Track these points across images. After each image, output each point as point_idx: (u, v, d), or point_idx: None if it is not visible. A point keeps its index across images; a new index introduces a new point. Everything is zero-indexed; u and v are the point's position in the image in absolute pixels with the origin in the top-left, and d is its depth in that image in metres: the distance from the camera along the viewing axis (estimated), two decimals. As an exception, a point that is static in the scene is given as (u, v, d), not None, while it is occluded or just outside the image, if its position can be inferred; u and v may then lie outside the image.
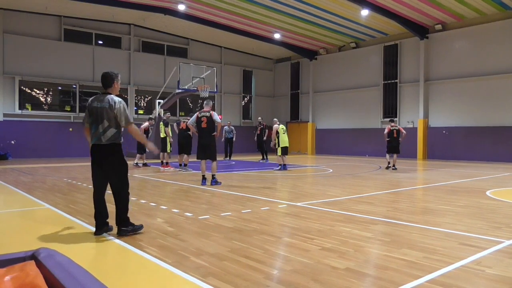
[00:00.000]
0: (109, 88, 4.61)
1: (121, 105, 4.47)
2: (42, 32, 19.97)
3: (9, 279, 1.30)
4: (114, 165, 4.50)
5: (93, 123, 4.49)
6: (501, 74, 17.55)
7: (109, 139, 4.44)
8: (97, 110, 4.47)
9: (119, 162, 4.52)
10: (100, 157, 4.49)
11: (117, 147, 4.51)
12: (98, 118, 4.44)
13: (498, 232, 4.59)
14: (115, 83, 4.64)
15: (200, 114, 9.01)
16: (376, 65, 22.51)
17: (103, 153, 4.47)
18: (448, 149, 19.34)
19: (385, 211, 5.94)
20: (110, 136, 4.43)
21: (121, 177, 4.53)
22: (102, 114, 4.44)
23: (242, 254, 3.70)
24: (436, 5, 17.23)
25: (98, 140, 4.45)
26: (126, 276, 3.26)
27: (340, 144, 23.79)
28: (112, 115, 4.43)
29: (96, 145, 4.48)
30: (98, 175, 4.54)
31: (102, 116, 4.43)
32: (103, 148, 4.45)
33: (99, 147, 4.47)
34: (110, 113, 4.43)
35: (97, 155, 4.50)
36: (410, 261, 3.49)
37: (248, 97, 28.02)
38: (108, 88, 4.61)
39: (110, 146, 4.46)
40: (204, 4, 19.20)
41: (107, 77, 4.61)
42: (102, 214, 4.49)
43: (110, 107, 4.42)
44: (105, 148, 4.45)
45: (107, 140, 4.43)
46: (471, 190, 8.36)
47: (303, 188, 8.87)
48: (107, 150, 4.46)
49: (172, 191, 8.30)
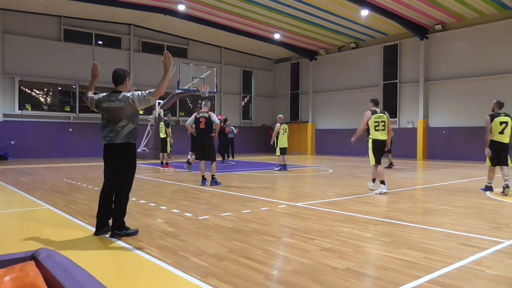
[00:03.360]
0: (120, 86, 4.48)
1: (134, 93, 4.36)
2: (42, 33, 19.98)
3: (9, 280, 1.30)
4: (122, 165, 4.38)
5: (107, 123, 4.37)
6: (501, 74, 17.56)
7: (126, 136, 4.31)
8: (111, 110, 4.34)
9: (128, 163, 4.40)
10: (112, 156, 4.38)
11: (131, 147, 4.39)
12: (112, 118, 4.32)
13: (498, 232, 4.59)
14: (126, 80, 4.51)
15: (199, 114, 9.00)
16: (376, 65, 22.51)
17: (116, 152, 4.35)
18: (448, 149, 19.34)
19: (385, 211, 5.94)
20: (125, 133, 4.31)
21: (125, 179, 4.41)
22: (117, 113, 4.30)
23: (242, 254, 3.70)
24: (436, 5, 17.23)
25: (112, 139, 4.32)
26: (125, 276, 3.26)
27: (340, 144, 23.75)
28: (131, 110, 4.30)
29: (109, 145, 4.37)
30: (108, 174, 4.47)
31: (119, 115, 4.30)
32: (117, 147, 4.33)
33: (112, 147, 4.35)
34: (129, 109, 4.30)
35: (109, 154, 4.39)
36: (410, 261, 3.49)
37: (248, 98, 28.04)
38: (119, 85, 4.48)
39: (123, 145, 4.33)
40: (204, 4, 19.20)
41: (119, 75, 4.48)
42: (105, 215, 4.43)
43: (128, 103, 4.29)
44: (121, 147, 4.33)
45: (124, 138, 4.31)
46: (471, 190, 8.36)
47: (303, 188, 8.87)
48: (120, 149, 4.33)
49: (172, 191, 8.30)
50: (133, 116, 4.38)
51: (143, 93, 4.35)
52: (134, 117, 4.39)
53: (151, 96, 4.32)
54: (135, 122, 4.40)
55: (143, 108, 4.47)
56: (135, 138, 4.42)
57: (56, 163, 16.16)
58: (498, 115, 7.86)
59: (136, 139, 4.45)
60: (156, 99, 4.31)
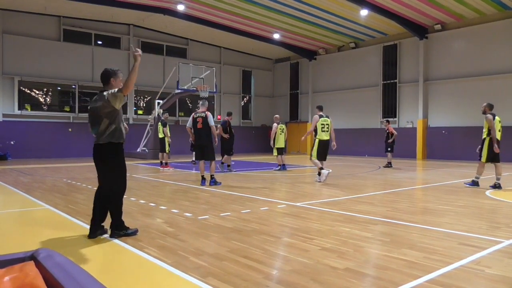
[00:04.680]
0: (106, 86, 4.44)
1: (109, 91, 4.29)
2: (41, 33, 19.96)
3: (8, 280, 1.30)
4: (106, 165, 4.37)
5: (92, 125, 4.41)
6: (501, 74, 17.57)
7: (107, 136, 4.29)
8: (93, 111, 4.38)
9: (112, 163, 4.37)
10: (96, 156, 4.41)
11: (114, 147, 4.34)
12: (96, 118, 4.34)
13: (497, 232, 4.59)
14: (111, 80, 4.42)
15: (196, 114, 8.99)
16: (375, 65, 22.51)
17: (101, 153, 4.38)
18: (448, 149, 19.34)
19: (384, 211, 5.94)
20: (107, 133, 4.29)
21: (111, 179, 4.38)
22: (98, 112, 4.31)
23: (241, 254, 3.70)
24: (436, 5, 17.24)
25: (98, 140, 4.35)
26: (125, 276, 3.26)
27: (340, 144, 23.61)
28: (109, 109, 4.26)
29: (95, 145, 4.41)
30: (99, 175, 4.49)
31: (100, 115, 4.30)
32: (102, 147, 4.34)
33: (98, 147, 4.38)
34: (107, 107, 4.26)
35: (97, 155, 4.43)
36: (410, 261, 3.49)
37: (247, 97, 28.03)
38: (105, 85, 4.45)
39: (106, 145, 4.31)
40: (203, 4, 19.20)
41: (104, 74, 4.47)
42: (98, 217, 4.40)
43: (105, 102, 4.26)
44: (104, 147, 4.33)
45: (106, 138, 4.30)
46: (471, 190, 8.37)
47: (302, 188, 8.87)
48: (105, 149, 4.34)
49: (172, 191, 8.30)
50: (113, 115, 4.31)
51: (114, 90, 4.30)
52: (114, 116, 4.32)
53: (120, 92, 4.22)
54: (116, 121, 4.33)
55: (120, 105, 4.35)
56: (118, 137, 4.35)
57: (56, 163, 16.15)
58: (495, 115, 8.38)
59: (120, 139, 4.38)
60: (125, 94, 4.22)
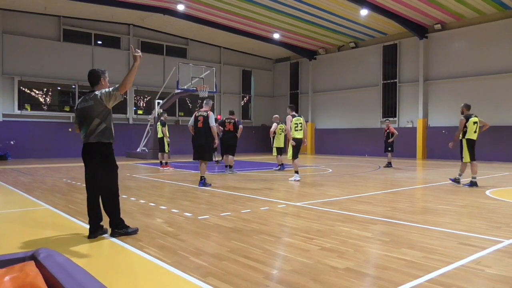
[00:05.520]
0: (96, 86, 4.43)
1: (102, 91, 4.30)
2: (41, 33, 19.96)
3: (8, 280, 1.30)
4: (100, 164, 4.36)
5: (81, 124, 4.38)
6: (501, 74, 17.57)
7: (97, 136, 4.28)
8: (83, 111, 4.35)
9: (106, 162, 4.37)
10: (86, 155, 4.40)
11: (103, 146, 4.34)
12: (86, 118, 4.32)
13: (497, 231, 4.60)
14: (101, 80, 4.44)
15: (198, 113, 8.89)
16: (375, 65, 22.51)
17: (89, 152, 4.36)
18: (447, 148, 19.19)
19: (384, 211, 5.94)
20: (98, 132, 4.28)
21: (102, 179, 4.38)
22: (89, 112, 4.30)
23: (241, 254, 3.70)
24: (436, 4, 17.24)
25: (87, 139, 4.33)
26: (125, 276, 3.26)
27: (340, 144, 23.80)
28: (101, 108, 4.27)
29: (84, 145, 4.39)
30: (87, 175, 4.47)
31: (91, 115, 4.28)
32: (90, 146, 4.33)
33: (85, 146, 4.37)
34: (99, 107, 4.27)
35: (86, 154, 4.41)
36: (410, 260, 3.49)
37: (247, 97, 28.04)
38: (95, 86, 4.44)
39: (95, 145, 4.31)
40: (203, 4, 19.19)
41: (93, 74, 4.45)
42: (94, 217, 4.39)
43: (97, 101, 4.26)
44: (91, 146, 4.32)
45: (95, 138, 4.29)
46: (471, 189, 8.37)
47: (302, 188, 8.87)
48: (92, 148, 4.33)
49: (172, 191, 8.30)
50: (104, 115, 4.32)
51: (109, 89, 4.30)
52: (105, 116, 4.33)
53: (116, 91, 4.23)
54: (107, 121, 4.34)
55: (113, 105, 4.36)
56: (108, 137, 4.36)
57: (56, 163, 16.15)
58: (471, 116, 8.96)
59: (110, 139, 4.39)
60: (122, 93, 4.24)
